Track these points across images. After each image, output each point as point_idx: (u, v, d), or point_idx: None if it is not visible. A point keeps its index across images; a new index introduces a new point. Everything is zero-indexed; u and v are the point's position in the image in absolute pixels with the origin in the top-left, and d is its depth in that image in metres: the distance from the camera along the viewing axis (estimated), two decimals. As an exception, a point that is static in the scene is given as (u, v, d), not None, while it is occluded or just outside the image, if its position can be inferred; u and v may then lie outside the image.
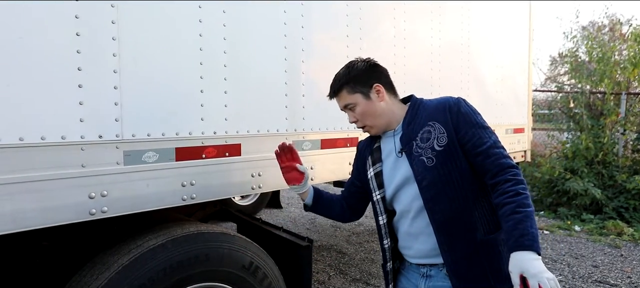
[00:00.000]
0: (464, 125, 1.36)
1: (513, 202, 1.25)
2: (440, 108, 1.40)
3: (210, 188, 1.64)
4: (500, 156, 1.33)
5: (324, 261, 4.11)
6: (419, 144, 1.40)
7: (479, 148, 1.34)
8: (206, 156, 1.62)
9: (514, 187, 1.27)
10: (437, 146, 1.37)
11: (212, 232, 1.70)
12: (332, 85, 1.51)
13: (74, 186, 1.30)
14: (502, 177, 1.31)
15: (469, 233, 1.38)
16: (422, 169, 1.38)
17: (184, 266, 1.57)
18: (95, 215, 1.34)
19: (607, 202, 5.60)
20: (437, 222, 1.38)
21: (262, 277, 1.82)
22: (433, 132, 1.38)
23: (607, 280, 3.61)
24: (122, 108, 1.39)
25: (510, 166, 1.32)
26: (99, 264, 1.49)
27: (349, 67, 1.49)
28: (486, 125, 1.39)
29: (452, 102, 1.40)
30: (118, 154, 1.39)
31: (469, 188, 1.38)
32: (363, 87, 1.45)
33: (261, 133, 1.81)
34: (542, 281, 1.12)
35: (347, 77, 1.46)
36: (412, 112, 1.46)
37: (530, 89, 4.20)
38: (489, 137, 1.36)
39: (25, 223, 1.21)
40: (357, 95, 1.45)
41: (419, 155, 1.39)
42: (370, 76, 1.46)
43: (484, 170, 1.36)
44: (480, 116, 1.40)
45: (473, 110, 1.40)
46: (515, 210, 1.24)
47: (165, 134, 1.50)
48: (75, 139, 1.30)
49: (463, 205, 1.38)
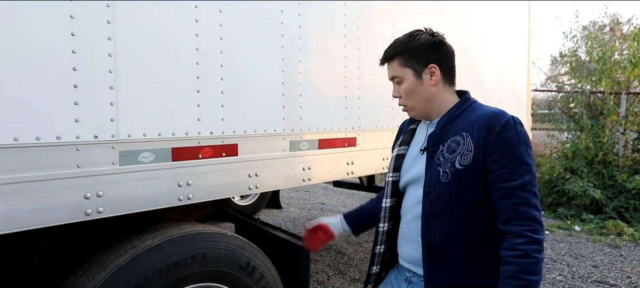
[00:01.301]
0: (498, 150, 1.15)
1: (519, 263, 1.07)
2: (481, 121, 1.19)
3: (207, 188, 1.64)
4: (524, 201, 1.11)
5: (323, 261, 4.10)
6: (444, 152, 1.23)
7: (503, 183, 1.13)
8: (203, 156, 1.62)
9: (526, 247, 1.08)
10: (458, 163, 1.19)
11: (209, 232, 1.69)
12: (386, 50, 1.34)
13: (69, 186, 1.29)
14: (515, 227, 1.11)
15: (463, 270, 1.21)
16: (434, 180, 1.23)
17: (181, 266, 1.56)
18: (90, 216, 1.34)
19: (607, 201, 5.59)
20: (430, 242, 1.24)
21: (259, 277, 1.81)
22: (461, 145, 1.20)
23: (607, 280, 3.60)
24: (117, 108, 1.39)
25: (530, 218, 1.10)
26: (95, 264, 1.48)
27: (412, 35, 1.30)
28: (528, 160, 1.15)
29: (497, 120, 1.17)
30: (114, 154, 1.39)
31: (480, 222, 1.20)
32: (418, 63, 1.27)
33: (258, 133, 1.81)
34: None
35: (404, 47, 1.28)
36: (455, 112, 1.28)
37: (529, 89, 4.20)
38: (522, 174, 1.13)
39: (20, 223, 1.20)
40: (408, 69, 1.29)
41: (438, 165, 1.23)
42: (431, 54, 1.28)
43: (499, 210, 1.16)
44: (525, 148, 1.16)
45: (519, 137, 1.16)
46: (516, 276, 1.07)
47: (162, 134, 1.50)
48: (71, 139, 1.29)
49: (466, 237, 1.20)
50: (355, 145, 2.22)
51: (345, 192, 7.40)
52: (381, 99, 2.41)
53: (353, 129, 2.23)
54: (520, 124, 1.19)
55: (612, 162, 6.04)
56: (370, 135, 2.32)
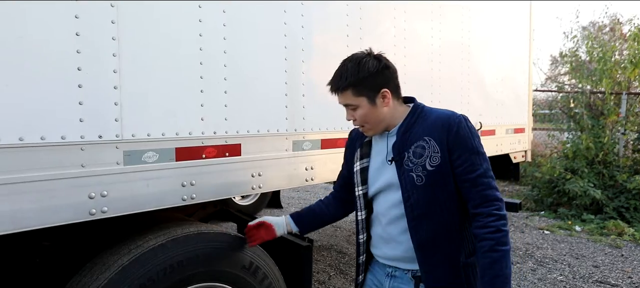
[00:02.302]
0: (458, 147, 1.32)
1: (492, 238, 1.26)
2: (438, 124, 1.34)
3: (211, 188, 1.64)
4: (487, 187, 1.31)
5: (324, 261, 4.11)
6: (411, 157, 1.35)
7: (469, 174, 1.31)
8: (206, 156, 1.62)
9: (495, 223, 1.27)
10: (429, 165, 1.33)
11: (212, 232, 1.69)
12: (335, 80, 1.39)
13: (74, 186, 1.29)
14: (485, 209, 1.29)
15: (452, 255, 1.37)
16: (411, 186, 1.35)
17: (184, 266, 1.57)
18: (95, 215, 1.34)
19: (608, 202, 5.59)
20: (420, 241, 1.36)
21: (262, 277, 1.81)
22: (427, 148, 1.33)
23: (608, 280, 3.60)
24: (121, 108, 1.39)
25: (495, 199, 1.30)
26: (99, 264, 1.48)
27: (359, 65, 1.34)
28: (481, 150, 1.34)
29: (452, 121, 1.33)
30: (118, 154, 1.39)
31: (455, 211, 1.36)
32: (370, 91, 1.35)
33: (261, 133, 1.81)
34: None
35: (356, 78, 1.34)
36: (410, 120, 1.40)
37: (530, 89, 4.20)
38: (481, 164, 1.32)
39: (25, 223, 1.20)
40: (362, 98, 1.36)
41: (409, 170, 1.35)
42: (381, 80, 1.35)
43: (468, 197, 1.33)
44: (477, 140, 1.35)
45: (472, 132, 1.34)
46: (493, 248, 1.25)
47: (165, 133, 1.50)
48: (75, 139, 1.29)
49: (448, 227, 1.36)
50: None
51: (346, 192, 7.39)
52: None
53: (355, 129, 2.23)
54: (468, 120, 1.36)
55: (613, 162, 6.05)
56: (373, 135, 2.32)
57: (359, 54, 1.39)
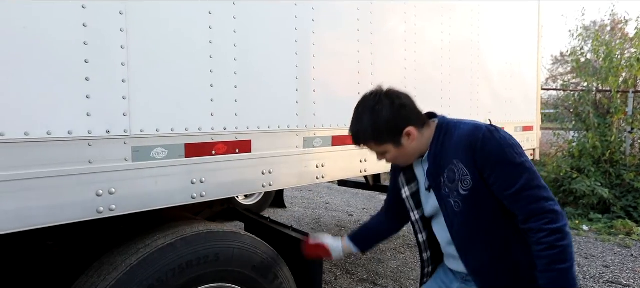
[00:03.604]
0: (488, 164, 1.19)
1: (546, 257, 1.13)
2: (462, 144, 1.24)
3: (221, 186, 1.59)
4: (532, 200, 1.15)
5: (330, 261, 4.05)
6: (446, 183, 1.28)
7: (507, 191, 1.18)
8: (216, 153, 1.57)
9: (549, 238, 1.12)
10: (461, 190, 1.24)
11: (222, 231, 1.65)
12: (355, 135, 1.32)
13: (81, 183, 1.25)
14: (534, 224, 1.15)
15: (511, 274, 1.28)
16: (451, 213, 1.29)
17: (194, 266, 1.52)
18: (102, 214, 1.29)
19: (615, 201, 5.54)
20: (472, 268, 1.32)
21: (273, 278, 1.77)
22: (456, 172, 1.25)
23: (619, 280, 3.55)
24: (130, 102, 1.34)
25: (543, 212, 1.14)
26: (107, 264, 1.44)
27: (375, 115, 1.26)
28: (518, 160, 1.18)
29: (475, 137, 1.21)
30: (126, 150, 1.34)
31: (505, 229, 1.26)
32: (393, 136, 1.28)
33: (272, 129, 1.76)
34: None
35: (374, 131, 1.27)
36: (438, 144, 1.31)
37: (539, 87, 4.14)
38: (520, 175, 1.16)
39: (31, 221, 1.16)
40: (387, 146, 1.30)
41: (447, 196, 1.29)
42: (400, 122, 1.27)
43: (514, 212, 1.21)
44: (511, 149, 1.19)
45: (502, 143, 1.19)
46: (549, 269, 1.13)
47: (175, 129, 1.45)
48: (82, 134, 1.25)
49: (500, 249, 1.27)
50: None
51: (350, 191, 7.35)
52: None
53: (366, 126, 2.18)
54: (497, 130, 1.22)
55: (620, 161, 5.99)
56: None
57: (371, 99, 1.30)
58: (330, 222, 5.55)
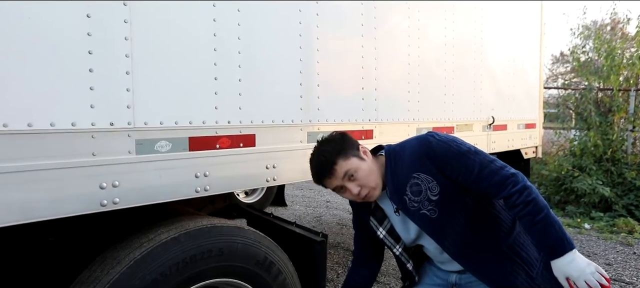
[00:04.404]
0: (445, 163, 1.33)
1: (527, 214, 1.26)
2: (416, 157, 1.37)
3: (225, 179, 1.58)
4: (492, 173, 1.30)
5: (331, 259, 4.04)
6: (412, 197, 1.38)
7: (470, 178, 1.32)
8: (220, 146, 1.56)
9: (520, 199, 1.26)
10: (432, 196, 1.35)
11: (226, 225, 1.63)
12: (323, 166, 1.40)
13: (85, 176, 1.23)
14: (504, 193, 1.29)
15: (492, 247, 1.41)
16: (428, 222, 1.39)
17: (197, 261, 1.50)
18: (106, 207, 1.28)
19: (617, 199, 5.53)
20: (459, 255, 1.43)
21: (277, 273, 1.75)
22: (421, 184, 1.36)
23: (622, 278, 3.54)
24: (134, 94, 1.33)
25: (505, 179, 1.29)
26: (110, 259, 1.42)
27: (329, 141, 1.44)
28: (464, 149, 1.34)
29: (423, 147, 1.36)
30: (130, 143, 1.33)
31: (479, 211, 1.40)
32: (354, 149, 1.42)
33: (276, 123, 1.75)
34: (588, 278, 1.19)
35: (336, 148, 1.40)
36: (391, 166, 1.43)
37: (541, 85, 4.13)
38: (473, 160, 1.32)
39: (34, 214, 1.14)
40: (353, 159, 1.40)
41: (418, 210, 1.38)
42: (352, 141, 1.45)
43: (485, 193, 1.37)
44: (455, 143, 1.35)
45: (446, 141, 1.35)
46: (533, 223, 1.25)
47: (179, 122, 1.44)
48: (86, 126, 1.23)
49: (478, 231, 1.40)
50: (372, 137, 2.16)
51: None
52: (398, 92, 2.36)
53: (370, 121, 2.17)
54: (436, 133, 1.38)
55: (621, 160, 5.98)
56: (387, 128, 2.26)
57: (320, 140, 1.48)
58: (332, 220, 5.54)
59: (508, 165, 1.33)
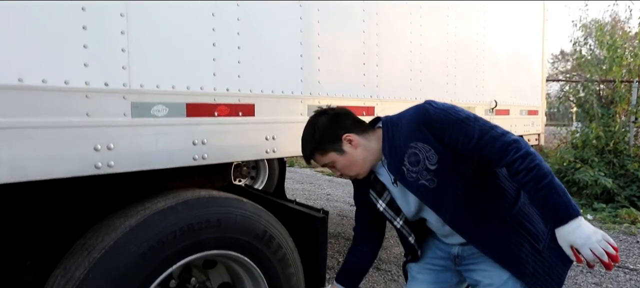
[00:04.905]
0: (443, 131, 1.28)
1: (529, 180, 1.20)
2: (413, 126, 1.32)
3: (223, 148, 1.54)
4: (493, 140, 1.24)
5: (332, 248, 4.01)
6: (409, 168, 1.34)
7: (469, 145, 1.26)
8: (219, 114, 1.52)
9: (523, 165, 1.20)
10: (430, 166, 1.31)
11: (225, 196, 1.60)
12: (303, 152, 1.44)
13: (79, 136, 1.20)
14: (506, 160, 1.23)
15: (495, 218, 1.36)
16: (427, 192, 1.34)
17: (195, 230, 1.46)
18: (101, 170, 1.24)
19: (619, 191, 5.49)
20: (460, 227, 1.38)
21: (277, 248, 1.71)
22: (419, 153, 1.31)
23: (626, 265, 3.50)
24: (129, 55, 1.29)
25: (507, 145, 1.23)
26: (105, 226, 1.39)
27: (313, 128, 1.41)
28: (463, 116, 1.28)
29: (420, 115, 1.31)
30: (125, 105, 1.29)
31: (481, 181, 1.35)
32: (333, 143, 1.39)
33: (275, 94, 1.71)
34: (593, 246, 1.12)
35: (314, 142, 1.40)
36: (389, 137, 1.38)
37: (544, 72, 4.09)
38: (473, 127, 1.26)
39: (26, 172, 1.11)
40: (331, 154, 1.40)
41: (416, 180, 1.34)
42: (337, 129, 1.39)
43: (486, 160, 1.31)
44: (454, 110, 1.30)
45: (444, 109, 1.30)
46: (536, 189, 1.20)
47: (176, 87, 1.40)
48: (80, 85, 1.20)
49: (480, 201, 1.36)
50: (373, 114, 2.12)
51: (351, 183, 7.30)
52: (400, 69, 2.32)
53: (371, 98, 2.13)
54: (434, 101, 1.33)
55: (624, 151, 5.94)
56: (389, 105, 2.22)
57: (312, 116, 1.45)
58: (332, 212, 5.50)
59: (510, 132, 1.27)
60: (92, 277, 1.26)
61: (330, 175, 8.66)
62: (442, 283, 1.59)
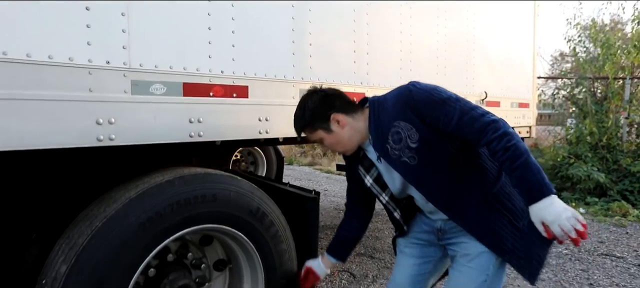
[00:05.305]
0: (425, 110, 1.33)
1: (506, 159, 1.24)
2: (398, 105, 1.38)
3: (218, 127, 1.63)
4: (472, 120, 1.28)
5: (327, 238, 4.09)
6: (393, 146, 1.39)
7: (450, 125, 1.31)
8: (214, 94, 1.61)
9: (500, 145, 1.25)
10: (411, 144, 1.36)
11: (220, 173, 1.68)
12: (294, 126, 1.54)
13: (82, 110, 1.28)
14: (485, 139, 1.27)
15: (476, 196, 1.41)
16: (408, 169, 1.40)
17: (191, 204, 1.55)
18: (102, 142, 1.33)
19: (612, 185, 5.57)
20: (442, 204, 1.44)
21: (269, 224, 1.80)
22: (401, 132, 1.37)
23: (613, 253, 3.59)
24: (129, 36, 1.37)
25: (486, 125, 1.27)
26: (107, 198, 1.47)
27: (303, 106, 1.49)
28: (445, 96, 1.33)
29: (404, 95, 1.37)
30: (125, 82, 1.37)
31: (463, 160, 1.40)
32: (322, 122, 1.47)
33: (268, 77, 1.79)
34: (562, 223, 1.16)
35: (304, 120, 1.49)
36: (374, 117, 1.44)
37: (535, 66, 4.17)
38: (454, 107, 1.30)
39: (32, 141, 1.19)
40: (319, 132, 1.49)
41: (399, 157, 1.40)
42: (325, 109, 1.46)
43: (466, 140, 1.35)
44: (437, 91, 1.35)
45: (427, 90, 1.35)
46: (512, 168, 1.24)
47: (173, 67, 1.49)
48: (83, 62, 1.28)
49: (462, 180, 1.40)
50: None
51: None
52: (390, 58, 2.40)
53: (361, 84, 2.21)
54: (418, 83, 1.39)
55: (617, 147, 6.03)
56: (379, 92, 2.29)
57: (305, 94, 1.53)
58: (329, 206, 5.58)
59: (491, 113, 1.32)
60: (94, 243, 1.35)
61: (328, 172, 8.74)
62: (426, 257, 1.66)
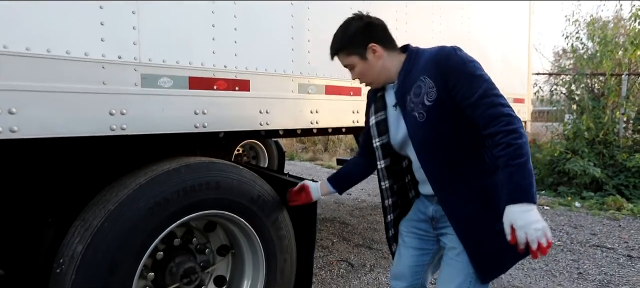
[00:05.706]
0: (453, 76, 1.31)
1: (504, 155, 1.22)
2: (431, 61, 1.37)
3: (222, 119, 1.73)
4: (490, 105, 1.25)
5: (327, 230, 4.20)
6: (412, 98, 1.39)
7: (468, 99, 1.28)
8: (217, 88, 1.71)
9: (505, 138, 1.22)
10: (427, 101, 1.35)
11: (223, 162, 1.79)
12: (330, 47, 1.53)
13: (96, 101, 1.39)
14: (493, 128, 1.24)
15: (466, 182, 1.40)
16: (414, 125, 1.40)
17: (196, 190, 1.65)
18: (115, 132, 1.44)
19: (608, 180, 5.66)
20: (432, 177, 1.43)
21: (270, 211, 1.90)
22: (423, 86, 1.36)
23: (605, 244, 3.69)
24: (139, 33, 1.48)
25: (500, 115, 1.24)
26: (118, 185, 1.58)
27: (345, 28, 1.48)
28: (477, 73, 1.30)
29: (441, 54, 1.35)
30: (136, 76, 1.48)
31: (466, 140, 1.37)
32: (359, 48, 1.45)
33: (269, 72, 1.90)
34: (529, 232, 1.14)
35: (342, 42, 1.48)
36: (408, 65, 1.44)
37: (530, 62, 4.26)
38: (479, 85, 1.27)
39: (53, 130, 1.30)
40: (353, 57, 1.48)
41: (411, 110, 1.40)
42: (366, 36, 1.45)
43: (476, 121, 1.30)
44: (472, 64, 1.31)
45: (465, 59, 1.32)
46: (507, 164, 1.21)
47: (180, 62, 1.59)
48: (97, 57, 1.39)
49: (459, 159, 1.39)
50: (360, 94, 2.31)
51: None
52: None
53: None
54: (460, 49, 1.36)
55: (613, 142, 6.11)
56: (375, 87, 2.40)
57: (347, 19, 1.51)
58: (329, 199, 5.69)
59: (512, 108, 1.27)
60: (107, 226, 1.46)
61: (329, 168, 8.84)
62: (424, 249, 1.63)
